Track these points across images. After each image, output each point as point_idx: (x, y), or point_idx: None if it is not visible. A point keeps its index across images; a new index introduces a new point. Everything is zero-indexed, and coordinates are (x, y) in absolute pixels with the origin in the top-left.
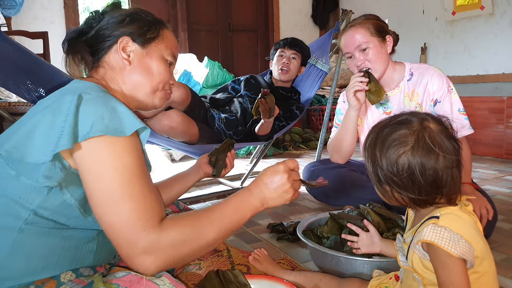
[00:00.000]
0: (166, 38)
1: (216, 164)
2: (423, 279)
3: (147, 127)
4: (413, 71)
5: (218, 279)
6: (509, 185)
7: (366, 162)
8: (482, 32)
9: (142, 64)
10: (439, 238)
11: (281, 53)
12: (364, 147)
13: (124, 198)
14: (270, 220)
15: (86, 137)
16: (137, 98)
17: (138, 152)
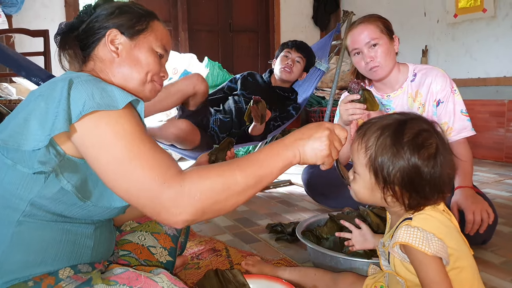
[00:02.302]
0: (156, 30)
1: (215, 163)
2: (406, 282)
3: (140, 100)
4: (417, 72)
5: (217, 278)
6: (509, 188)
7: (369, 161)
8: (483, 35)
9: (130, 56)
10: (413, 238)
11: (287, 54)
12: (370, 147)
13: (132, 159)
14: (269, 221)
15: (79, 116)
16: (128, 89)
17: (136, 119)
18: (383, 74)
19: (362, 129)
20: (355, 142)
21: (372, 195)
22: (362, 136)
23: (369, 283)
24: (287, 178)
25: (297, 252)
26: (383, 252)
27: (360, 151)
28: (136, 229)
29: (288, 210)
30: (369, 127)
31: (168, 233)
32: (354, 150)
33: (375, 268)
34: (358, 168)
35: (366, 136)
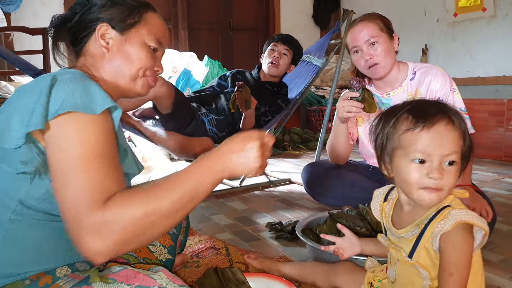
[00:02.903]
0: (150, 23)
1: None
2: (431, 273)
3: (118, 107)
4: (416, 70)
5: (217, 276)
6: (508, 187)
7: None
8: (483, 34)
9: (121, 51)
10: (475, 218)
11: (273, 47)
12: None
13: (78, 172)
14: (269, 219)
15: (55, 114)
16: (119, 85)
17: (107, 132)
18: (382, 72)
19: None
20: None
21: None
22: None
23: (370, 276)
24: (286, 177)
25: (296, 250)
26: (397, 246)
27: (456, 140)
28: None
29: (287, 208)
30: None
31: (167, 232)
32: (451, 142)
33: (373, 261)
34: (453, 156)
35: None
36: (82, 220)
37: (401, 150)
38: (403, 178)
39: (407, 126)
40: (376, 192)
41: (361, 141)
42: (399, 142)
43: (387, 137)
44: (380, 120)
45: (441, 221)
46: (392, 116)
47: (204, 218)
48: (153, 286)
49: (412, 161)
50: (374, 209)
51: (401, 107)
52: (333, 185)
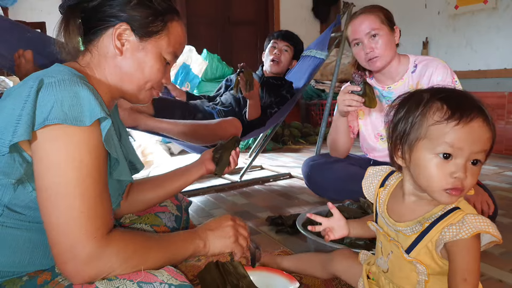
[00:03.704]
0: (172, 33)
1: (219, 162)
2: (428, 269)
3: (108, 118)
4: (417, 63)
5: (218, 270)
6: (509, 180)
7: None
8: (484, 27)
9: (134, 58)
10: (489, 226)
11: (274, 45)
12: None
13: (77, 197)
14: (269, 213)
15: (43, 124)
16: (122, 90)
17: (97, 149)
18: (382, 65)
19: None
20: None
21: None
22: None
23: (367, 268)
24: (286, 171)
25: (297, 244)
26: (402, 240)
27: (489, 139)
28: (136, 221)
29: (288, 202)
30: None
31: (167, 226)
32: (484, 141)
33: (366, 254)
34: (480, 155)
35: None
36: (83, 248)
37: (428, 142)
38: (425, 173)
39: (441, 117)
40: (370, 170)
41: (362, 134)
42: (427, 132)
43: (412, 124)
44: (403, 104)
45: (452, 226)
46: (419, 102)
47: (205, 213)
48: (154, 282)
49: (437, 155)
50: (366, 188)
51: (431, 95)
52: (333, 179)
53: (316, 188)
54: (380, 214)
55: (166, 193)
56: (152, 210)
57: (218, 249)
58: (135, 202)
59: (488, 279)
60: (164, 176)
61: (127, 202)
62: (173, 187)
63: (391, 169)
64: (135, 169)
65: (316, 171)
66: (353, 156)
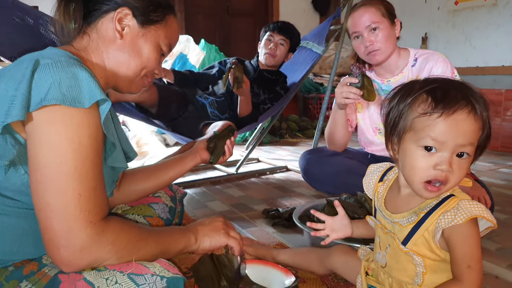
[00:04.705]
0: (169, 26)
1: (214, 151)
2: (425, 260)
3: (108, 100)
4: (418, 57)
5: (212, 263)
6: (504, 177)
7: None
8: (484, 23)
9: (134, 44)
10: (483, 211)
11: (270, 37)
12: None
13: (76, 179)
14: (265, 206)
15: (40, 105)
16: (117, 76)
17: (96, 132)
18: (382, 58)
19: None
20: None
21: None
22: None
23: (365, 264)
24: (283, 164)
25: (293, 237)
26: (398, 231)
27: (475, 131)
28: (128, 212)
29: (284, 195)
30: None
31: (161, 217)
32: (469, 133)
33: (366, 249)
34: (467, 148)
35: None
36: (80, 233)
37: (413, 134)
38: (409, 163)
39: (424, 110)
40: (371, 167)
41: (360, 128)
42: (412, 124)
43: (400, 114)
44: (397, 93)
45: (447, 213)
46: (410, 93)
47: (200, 205)
48: (146, 274)
49: (422, 148)
50: (366, 185)
51: (422, 84)
52: (331, 172)
53: (313, 181)
54: (378, 208)
55: (160, 183)
56: (145, 201)
57: (209, 243)
58: (128, 192)
59: (485, 275)
60: (157, 165)
61: (119, 192)
62: (167, 176)
63: (391, 164)
64: (128, 157)
65: (313, 164)
66: (351, 150)
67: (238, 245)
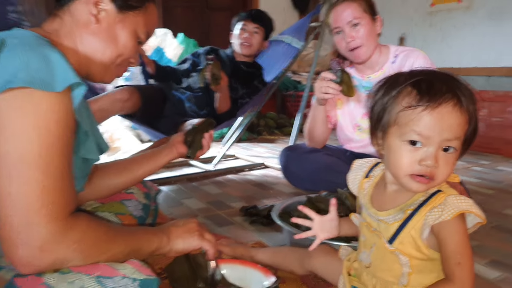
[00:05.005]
0: (149, 14)
1: (192, 145)
2: (411, 260)
3: (82, 84)
4: (398, 53)
5: (188, 263)
6: (477, 175)
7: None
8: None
9: (110, 29)
10: (471, 206)
11: (244, 27)
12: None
13: (40, 168)
14: (243, 203)
15: (4, 87)
16: (91, 62)
17: (67, 119)
18: (364, 56)
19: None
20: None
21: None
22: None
23: (347, 264)
24: (261, 161)
25: (272, 235)
26: (384, 230)
27: (461, 125)
28: (98, 209)
29: (263, 193)
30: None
31: (134, 215)
32: (455, 127)
33: (347, 249)
34: (453, 143)
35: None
36: (42, 229)
37: (397, 128)
38: (393, 159)
39: (409, 103)
40: (356, 162)
41: (339, 125)
42: (397, 118)
43: (384, 108)
44: (382, 86)
45: (435, 209)
46: (395, 86)
47: (175, 202)
48: (115, 276)
49: (407, 142)
50: (351, 181)
51: (407, 77)
52: (310, 169)
53: (293, 178)
54: (363, 205)
55: (133, 178)
56: (117, 197)
57: (182, 245)
58: (98, 187)
59: None
60: (131, 159)
61: (89, 187)
62: (140, 171)
63: (377, 160)
64: (100, 150)
65: (293, 161)
66: (330, 146)
67: (213, 248)
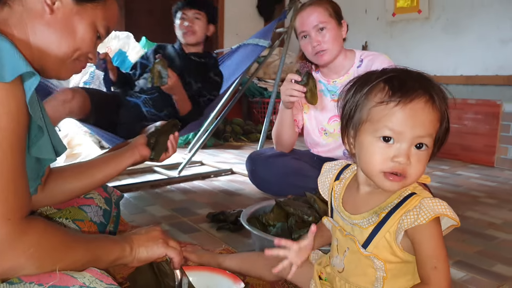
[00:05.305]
0: (108, 8)
1: (155, 147)
2: (386, 264)
3: (35, 73)
4: (363, 58)
5: (152, 271)
6: (439, 179)
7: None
8: (418, 35)
9: (66, 21)
10: (445, 209)
11: (183, 16)
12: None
13: None
14: (210, 210)
15: None
16: (45, 56)
17: (18, 112)
18: (329, 59)
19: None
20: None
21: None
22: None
23: (318, 268)
24: (228, 167)
25: (240, 241)
26: (358, 234)
27: (433, 122)
28: (54, 215)
29: (230, 199)
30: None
31: (94, 221)
32: (427, 124)
33: (317, 252)
34: (425, 140)
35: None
36: None
37: (370, 125)
38: (366, 157)
39: (381, 99)
40: (326, 165)
41: (306, 129)
42: (369, 115)
43: (356, 106)
44: (353, 85)
45: (410, 212)
46: (367, 83)
47: (138, 209)
48: (72, 286)
49: (379, 139)
50: (321, 184)
51: (379, 74)
52: (278, 173)
53: (260, 183)
54: (335, 208)
55: (92, 182)
56: (75, 203)
57: (146, 253)
58: (54, 192)
59: None
60: (90, 162)
61: (44, 191)
62: (100, 175)
63: (347, 162)
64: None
65: (260, 165)
66: (298, 151)
67: (178, 256)
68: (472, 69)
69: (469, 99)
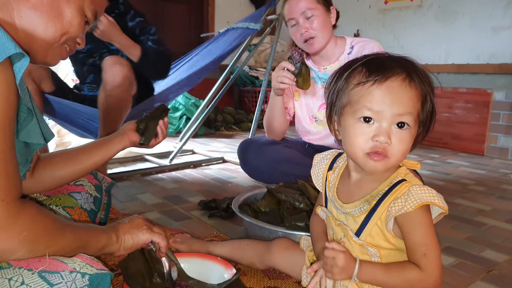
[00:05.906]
0: None
1: (144, 132)
2: (380, 251)
3: (25, 55)
4: (354, 44)
5: (144, 258)
6: (429, 168)
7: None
8: (410, 23)
9: (53, 4)
10: (434, 197)
11: None
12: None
13: None
14: (201, 197)
15: None
16: (32, 39)
17: (7, 94)
18: (319, 47)
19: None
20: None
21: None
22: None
23: (310, 254)
24: (219, 156)
25: (231, 228)
26: (351, 223)
27: (413, 100)
28: (44, 202)
29: (221, 187)
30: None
31: (84, 208)
32: (406, 101)
33: (308, 239)
34: (405, 118)
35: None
36: None
37: (350, 107)
38: (349, 139)
39: (359, 80)
40: (317, 157)
41: (297, 116)
42: (349, 97)
43: (338, 91)
44: (337, 72)
45: (398, 199)
46: (347, 69)
47: (129, 197)
48: (63, 271)
49: (359, 120)
50: (315, 176)
51: (360, 59)
52: (269, 161)
53: (252, 170)
54: (329, 198)
55: (82, 168)
56: (64, 190)
57: (131, 241)
58: (42, 178)
59: None
60: (79, 148)
61: (32, 178)
62: (90, 161)
63: (338, 151)
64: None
65: (251, 153)
66: (289, 139)
67: (164, 240)
68: (464, 57)
69: (460, 88)
